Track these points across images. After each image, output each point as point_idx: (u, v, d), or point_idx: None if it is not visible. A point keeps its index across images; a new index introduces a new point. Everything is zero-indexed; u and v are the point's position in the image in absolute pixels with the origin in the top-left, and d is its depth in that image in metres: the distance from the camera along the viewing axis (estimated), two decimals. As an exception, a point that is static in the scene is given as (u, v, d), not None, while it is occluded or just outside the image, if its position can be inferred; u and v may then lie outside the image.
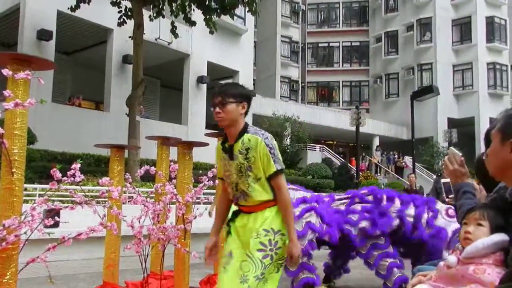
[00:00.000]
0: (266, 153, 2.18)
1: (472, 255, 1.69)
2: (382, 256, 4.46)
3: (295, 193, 4.57)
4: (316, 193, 5.23)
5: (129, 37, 11.78)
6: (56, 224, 4.58)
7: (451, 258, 1.77)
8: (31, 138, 10.49)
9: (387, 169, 25.38)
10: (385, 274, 4.43)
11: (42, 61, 2.58)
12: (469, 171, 2.42)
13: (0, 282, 2.31)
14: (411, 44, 29.70)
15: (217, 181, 4.06)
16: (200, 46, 16.71)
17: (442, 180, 3.69)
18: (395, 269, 4.41)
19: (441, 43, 28.65)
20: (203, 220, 4.64)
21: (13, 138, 2.40)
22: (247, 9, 12.68)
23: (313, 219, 4.33)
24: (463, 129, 26.60)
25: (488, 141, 1.69)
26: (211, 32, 12.49)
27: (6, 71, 2.26)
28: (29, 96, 2.39)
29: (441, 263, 1.82)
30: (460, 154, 2.17)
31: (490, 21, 28.48)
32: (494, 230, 1.73)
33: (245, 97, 2.27)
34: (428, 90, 16.06)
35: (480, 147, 25.45)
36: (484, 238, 1.70)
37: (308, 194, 4.72)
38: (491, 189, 2.62)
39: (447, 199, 3.77)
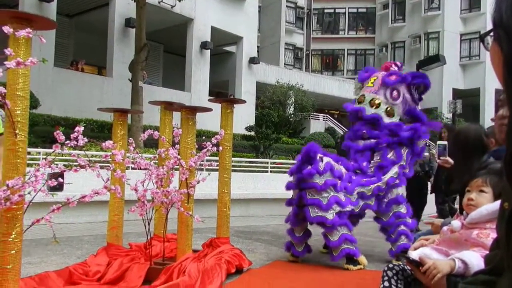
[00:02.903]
0: None
1: (476, 220, 1.70)
2: (400, 224, 4.55)
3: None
4: None
5: None
6: (60, 187, 4.62)
7: (455, 223, 1.78)
8: (34, 102, 10.46)
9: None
10: (394, 238, 4.53)
11: (43, 20, 2.53)
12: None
13: (6, 241, 2.34)
14: (418, 11, 29.08)
15: (220, 148, 4.07)
16: (204, 10, 16.40)
17: (438, 142, 3.73)
18: (403, 236, 4.50)
19: (449, 11, 28.02)
20: (206, 186, 4.68)
21: (15, 99, 2.38)
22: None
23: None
24: (468, 100, 26.36)
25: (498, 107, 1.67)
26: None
27: (6, 28, 2.22)
28: (31, 55, 2.36)
29: (445, 228, 1.83)
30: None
31: (500, -11, 27.73)
32: (497, 196, 1.73)
33: None
34: (435, 59, 15.79)
35: (485, 118, 25.31)
36: (489, 204, 1.70)
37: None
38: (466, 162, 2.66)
39: (438, 161, 3.80)
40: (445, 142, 3.46)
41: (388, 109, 4.66)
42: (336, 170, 4.28)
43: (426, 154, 7.53)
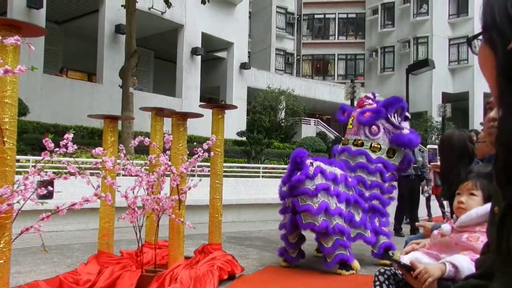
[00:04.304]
0: None
1: (466, 224, 1.71)
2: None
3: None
4: None
5: (122, 5, 11.52)
6: (50, 195, 4.58)
7: (445, 226, 1.79)
8: (23, 109, 10.37)
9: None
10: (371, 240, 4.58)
11: (32, 27, 2.51)
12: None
13: (-6, 251, 2.31)
14: (407, 16, 29.38)
15: (212, 153, 4.06)
16: (194, 16, 16.41)
17: (428, 147, 3.73)
18: (381, 236, 4.55)
19: (437, 15, 28.35)
20: (197, 192, 4.66)
21: (3, 106, 2.36)
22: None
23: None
24: (457, 103, 26.64)
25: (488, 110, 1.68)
26: (203, 2, 12.25)
27: (-6, 36, 2.20)
28: (19, 63, 2.34)
29: (435, 232, 1.84)
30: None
31: (487, -6, 28.10)
32: (487, 199, 1.74)
33: None
34: (424, 64, 15.98)
35: (474, 121, 25.57)
36: (478, 208, 1.72)
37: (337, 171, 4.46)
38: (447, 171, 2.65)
39: (428, 165, 3.80)
40: (436, 147, 3.47)
41: (373, 145, 4.70)
42: (328, 173, 4.25)
43: (420, 158, 7.58)
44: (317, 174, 4.17)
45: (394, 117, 4.74)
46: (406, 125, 4.83)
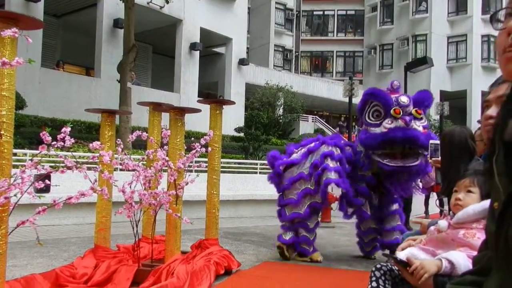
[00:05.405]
0: None
1: (463, 220, 1.72)
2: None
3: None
4: None
5: None
6: (47, 189, 4.57)
7: (442, 222, 1.79)
8: (20, 103, 10.33)
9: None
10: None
11: (30, 20, 2.50)
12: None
13: (-9, 244, 2.30)
14: (406, 14, 29.35)
15: (209, 149, 4.06)
16: (193, 11, 16.35)
17: (430, 142, 3.70)
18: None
19: (436, 13, 28.33)
20: (194, 187, 4.66)
21: (0, 99, 2.35)
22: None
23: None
24: (455, 102, 26.65)
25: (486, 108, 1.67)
26: (201, -4, 12.23)
27: (-9, 28, 2.19)
28: (16, 55, 2.32)
29: (432, 228, 1.85)
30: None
31: (486, -8, 28.16)
32: (484, 196, 1.74)
33: None
34: (422, 62, 15.98)
35: (472, 120, 25.60)
36: (475, 204, 1.72)
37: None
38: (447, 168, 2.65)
39: (430, 161, 3.79)
40: (438, 142, 3.45)
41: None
42: (298, 157, 4.60)
43: None
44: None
45: (369, 112, 4.36)
46: (385, 123, 4.17)
